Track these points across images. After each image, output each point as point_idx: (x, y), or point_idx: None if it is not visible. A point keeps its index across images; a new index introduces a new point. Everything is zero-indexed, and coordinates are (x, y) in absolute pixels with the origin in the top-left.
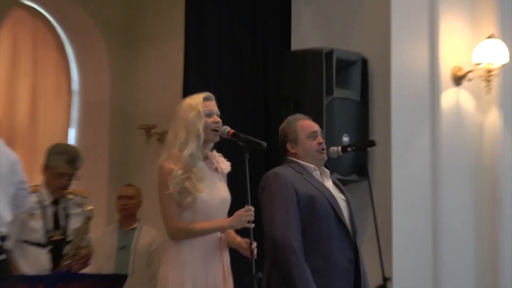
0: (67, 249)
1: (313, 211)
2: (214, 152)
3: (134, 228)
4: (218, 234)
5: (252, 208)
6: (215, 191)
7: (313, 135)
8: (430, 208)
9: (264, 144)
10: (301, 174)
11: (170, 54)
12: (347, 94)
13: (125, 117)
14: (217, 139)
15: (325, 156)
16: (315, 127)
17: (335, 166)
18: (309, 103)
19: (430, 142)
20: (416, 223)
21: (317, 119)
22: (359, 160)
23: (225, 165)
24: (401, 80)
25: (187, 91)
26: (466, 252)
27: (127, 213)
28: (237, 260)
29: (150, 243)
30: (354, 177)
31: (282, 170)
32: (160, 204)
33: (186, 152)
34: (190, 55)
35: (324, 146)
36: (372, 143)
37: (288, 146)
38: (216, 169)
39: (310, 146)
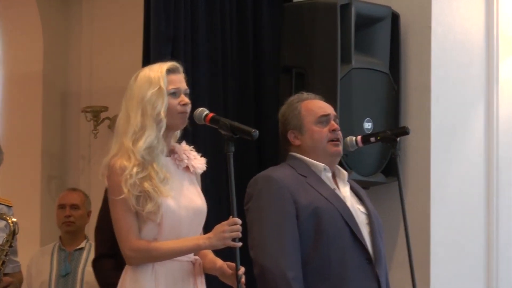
0: None
1: (320, 229)
2: (184, 145)
3: (81, 249)
4: (191, 256)
5: (239, 221)
6: (184, 198)
7: (324, 119)
8: (482, 222)
9: (255, 132)
10: (305, 176)
11: (125, 9)
12: (371, 63)
13: (64, 96)
14: (184, 124)
15: (340, 150)
16: (327, 109)
17: (353, 163)
18: (317, 76)
19: (484, 131)
20: (464, 243)
21: (329, 97)
22: (386, 155)
23: (199, 162)
24: (445, 45)
25: (149, 59)
26: None
27: (72, 228)
28: None
29: None
30: (379, 178)
31: (277, 172)
32: (112, 216)
33: (142, 143)
34: (154, 10)
35: (339, 135)
36: (405, 131)
37: (290, 135)
38: (187, 168)
39: (319, 135)
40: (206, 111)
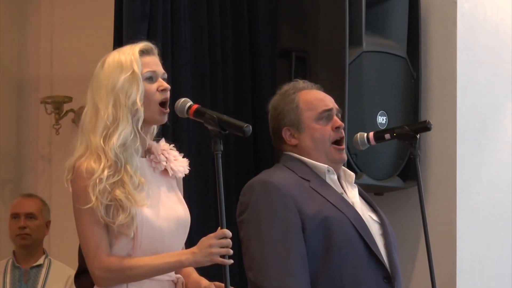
0: None
1: (330, 243)
2: (162, 143)
3: (39, 266)
4: (173, 274)
5: (229, 234)
6: (164, 206)
7: (325, 115)
8: None
9: (248, 127)
10: (307, 180)
11: None
12: (385, 46)
13: (20, 85)
14: (165, 119)
15: (345, 157)
16: (329, 101)
17: (364, 164)
18: (322, 61)
19: None
20: (495, 260)
21: (336, 86)
22: (404, 155)
23: (180, 165)
24: (474, 24)
25: (121, 41)
26: None
27: (28, 242)
28: None
29: None
30: (395, 182)
31: (276, 176)
32: (77, 228)
33: (116, 139)
34: None
35: (343, 133)
36: (426, 127)
37: (285, 133)
38: (165, 171)
39: (321, 134)
40: (190, 102)
